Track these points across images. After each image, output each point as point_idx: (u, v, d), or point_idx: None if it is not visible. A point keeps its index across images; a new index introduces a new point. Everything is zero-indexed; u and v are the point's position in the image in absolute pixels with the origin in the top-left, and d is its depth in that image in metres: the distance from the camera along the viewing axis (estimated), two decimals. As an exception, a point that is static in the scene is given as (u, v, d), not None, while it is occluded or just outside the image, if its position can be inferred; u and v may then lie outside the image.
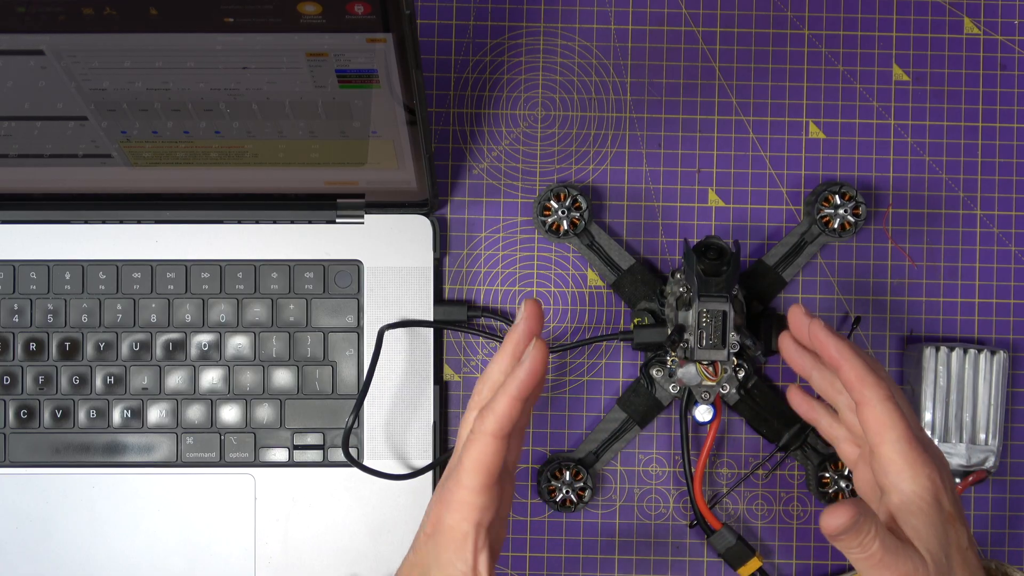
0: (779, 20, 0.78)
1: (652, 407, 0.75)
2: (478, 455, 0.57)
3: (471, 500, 0.57)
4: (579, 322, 0.77)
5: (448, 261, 0.78)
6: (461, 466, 0.57)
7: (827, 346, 0.61)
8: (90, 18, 0.53)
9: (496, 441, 0.57)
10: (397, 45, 0.56)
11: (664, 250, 0.78)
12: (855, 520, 0.55)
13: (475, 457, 0.57)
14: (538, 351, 0.57)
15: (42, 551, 0.74)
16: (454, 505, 0.57)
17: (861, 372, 0.60)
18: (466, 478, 0.57)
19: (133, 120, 0.63)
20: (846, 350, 0.60)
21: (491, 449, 0.57)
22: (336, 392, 0.75)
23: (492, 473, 0.57)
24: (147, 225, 0.76)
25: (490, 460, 0.57)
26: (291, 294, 0.76)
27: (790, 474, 0.77)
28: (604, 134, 0.78)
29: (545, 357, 0.57)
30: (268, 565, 0.75)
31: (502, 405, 0.57)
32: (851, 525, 0.55)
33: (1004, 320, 0.77)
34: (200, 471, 0.75)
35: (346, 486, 0.75)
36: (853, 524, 0.55)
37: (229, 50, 0.56)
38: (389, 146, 0.67)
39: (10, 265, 0.76)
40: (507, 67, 0.78)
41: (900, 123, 0.78)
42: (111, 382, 0.75)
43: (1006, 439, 0.77)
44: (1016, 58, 0.78)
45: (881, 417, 0.59)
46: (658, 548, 0.77)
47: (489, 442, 0.57)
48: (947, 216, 0.78)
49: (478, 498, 0.57)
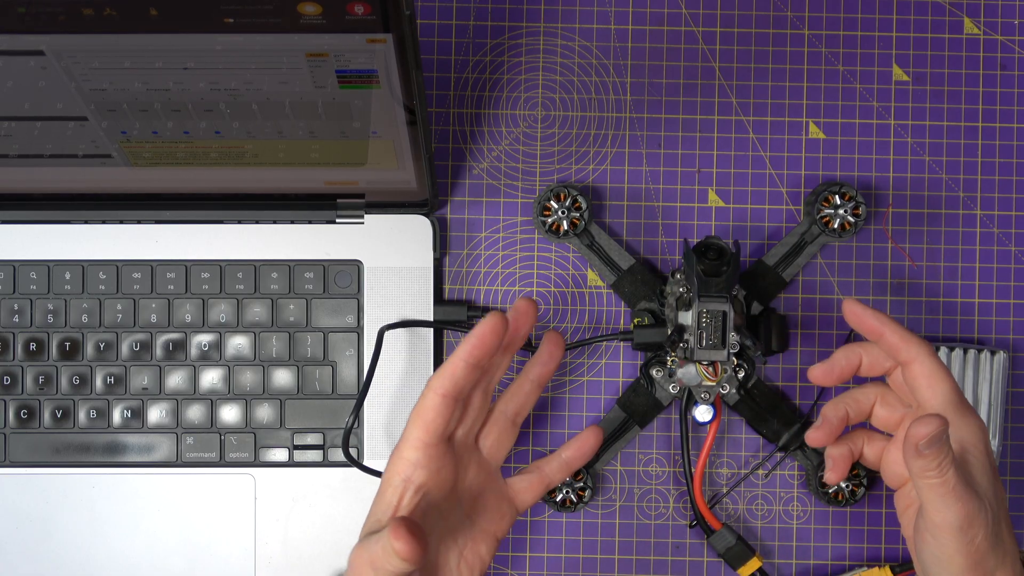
0: (779, 20, 0.78)
1: (652, 407, 0.75)
2: (419, 408, 0.59)
3: (405, 453, 0.59)
4: (579, 322, 0.77)
5: (448, 261, 0.78)
6: (407, 422, 0.60)
7: (865, 317, 0.63)
8: (90, 18, 0.53)
9: (437, 397, 0.59)
10: (397, 45, 0.56)
11: (664, 250, 0.78)
12: (944, 430, 0.55)
13: (415, 411, 0.60)
14: (490, 320, 0.59)
15: (42, 551, 0.74)
16: (392, 457, 0.60)
17: (904, 333, 0.62)
18: (406, 431, 0.60)
19: (133, 120, 0.63)
20: (884, 317, 0.63)
21: (431, 404, 0.59)
22: (336, 392, 0.75)
23: (430, 429, 0.59)
24: (147, 225, 0.76)
25: (429, 415, 0.59)
26: (291, 294, 0.76)
27: (790, 474, 0.77)
28: (604, 134, 0.78)
29: (497, 327, 0.59)
30: (268, 565, 0.75)
31: (448, 364, 0.59)
32: (942, 433, 0.55)
33: (1004, 320, 0.77)
34: (200, 471, 0.75)
35: (346, 486, 0.75)
36: (943, 434, 0.55)
37: (229, 50, 0.56)
38: (389, 146, 0.67)
39: (10, 265, 0.76)
40: (507, 67, 0.78)
41: (900, 123, 0.78)
42: (111, 382, 0.75)
43: (1006, 439, 0.77)
44: (1016, 58, 0.78)
45: (931, 370, 0.61)
46: (658, 548, 0.77)
47: (430, 397, 0.59)
48: (947, 216, 0.78)
49: (412, 452, 0.59)
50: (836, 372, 0.64)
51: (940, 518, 0.57)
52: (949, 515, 0.56)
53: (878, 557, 0.76)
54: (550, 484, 0.67)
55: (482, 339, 0.59)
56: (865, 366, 0.64)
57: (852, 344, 0.65)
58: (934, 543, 0.57)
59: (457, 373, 0.59)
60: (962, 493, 0.56)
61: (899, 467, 0.64)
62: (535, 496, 0.66)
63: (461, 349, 0.59)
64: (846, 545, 0.76)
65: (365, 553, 0.57)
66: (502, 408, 0.65)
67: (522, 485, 0.66)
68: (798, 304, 0.77)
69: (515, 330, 0.62)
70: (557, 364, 0.66)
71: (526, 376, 0.66)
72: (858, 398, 0.65)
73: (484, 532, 0.63)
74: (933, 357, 0.61)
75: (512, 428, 0.66)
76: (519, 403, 0.66)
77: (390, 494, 0.60)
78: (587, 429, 0.68)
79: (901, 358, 0.62)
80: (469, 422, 0.63)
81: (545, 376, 0.66)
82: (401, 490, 0.59)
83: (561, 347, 0.66)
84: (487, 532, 0.64)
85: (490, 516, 0.64)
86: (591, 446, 0.67)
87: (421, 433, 0.59)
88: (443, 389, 0.59)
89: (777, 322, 0.74)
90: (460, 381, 0.59)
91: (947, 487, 0.56)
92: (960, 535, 0.56)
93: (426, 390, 0.59)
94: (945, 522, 0.56)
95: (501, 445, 0.65)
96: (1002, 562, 0.58)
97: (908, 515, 0.64)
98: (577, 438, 0.68)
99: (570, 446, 0.67)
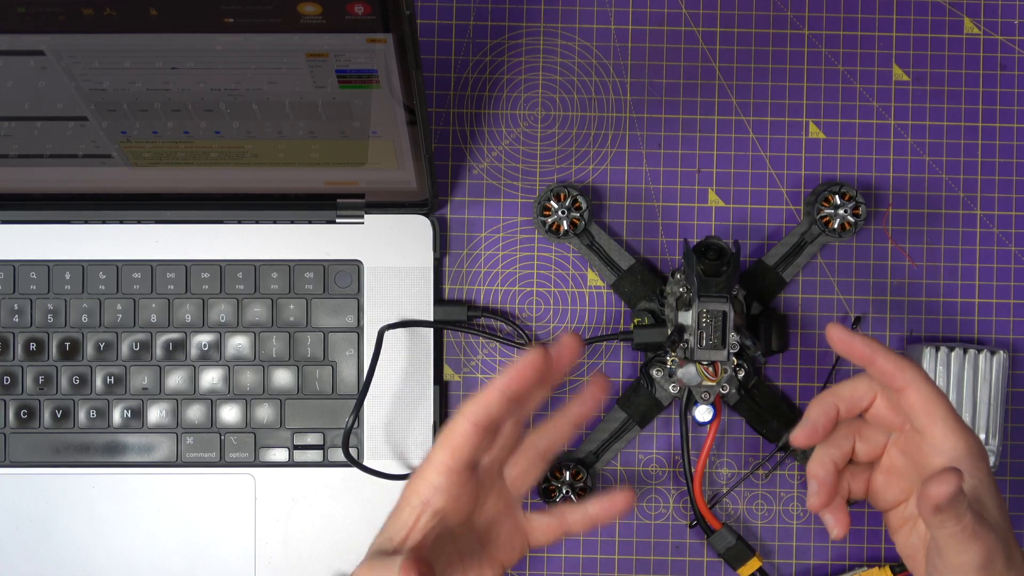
0: (779, 20, 0.78)
1: (652, 407, 0.75)
2: (448, 433, 0.58)
3: (428, 476, 0.58)
4: (579, 322, 0.77)
5: (448, 261, 0.78)
6: (434, 445, 0.59)
7: (854, 344, 0.60)
8: (90, 18, 0.53)
9: (468, 425, 0.57)
10: (397, 45, 0.56)
11: (664, 250, 0.78)
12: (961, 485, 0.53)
13: (444, 435, 0.58)
14: (532, 355, 0.57)
15: (42, 551, 0.74)
16: (415, 478, 0.59)
17: (896, 359, 0.60)
18: (432, 454, 0.59)
19: (133, 120, 0.63)
20: (874, 343, 0.60)
21: (461, 430, 0.58)
22: (336, 392, 0.75)
23: (456, 455, 0.58)
24: (147, 225, 0.76)
25: (458, 441, 0.58)
26: (291, 294, 0.76)
27: (790, 474, 0.77)
28: (604, 134, 0.78)
29: (538, 363, 0.57)
30: (268, 565, 0.75)
31: (483, 394, 0.58)
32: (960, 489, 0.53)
33: (1004, 320, 0.77)
34: (200, 471, 0.75)
35: (346, 486, 0.75)
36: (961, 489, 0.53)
37: (229, 50, 0.56)
38: (389, 146, 0.67)
39: (10, 265, 0.76)
40: (507, 67, 0.78)
41: (900, 123, 0.78)
42: (111, 382, 0.75)
43: (1006, 439, 0.77)
44: (1016, 58, 0.78)
45: (927, 396, 0.59)
46: (658, 548, 0.77)
47: (461, 423, 0.58)
48: (947, 216, 0.78)
49: (436, 476, 0.58)
50: (820, 430, 0.61)
51: (961, 560, 0.56)
52: (970, 556, 0.55)
53: (878, 557, 0.76)
54: (568, 533, 0.64)
55: (521, 373, 0.57)
56: (843, 412, 0.62)
57: (822, 395, 0.62)
58: None
59: (492, 404, 0.57)
60: (980, 533, 0.55)
61: (889, 493, 0.63)
62: (550, 539, 0.64)
63: (500, 380, 0.57)
64: (846, 545, 0.76)
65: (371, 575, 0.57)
66: (534, 441, 0.63)
67: (541, 525, 0.63)
68: (798, 304, 0.77)
69: (557, 365, 0.60)
70: (599, 407, 0.64)
71: (564, 414, 0.63)
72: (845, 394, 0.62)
73: (493, 560, 0.62)
74: (928, 382, 0.59)
75: (541, 462, 0.63)
76: (552, 439, 0.63)
77: (407, 514, 0.58)
78: (620, 491, 0.64)
79: (896, 385, 0.59)
80: (496, 450, 0.61)
81: (584, 417, 0.63)
82: (419, 512, 0.58)
83: (606, 391, 0.63)
84: (495, 560, 0.62)
85: (502, 546, 0.62)
86: (621, 510, 0.64)
87: (447, 458, 0.58)
88: (476, 418, 0.57)
89: (777, 322, 0.74)
90: (494, 412, 0.58)
91: (966, 532, 0.55)
92: (981, 572, 0.56)
93: (458, 415, 0.58)
94: (967, 563, 0.56)
95: (527, 477, 0.63)
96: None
97: (903, 533, 0.62)
98: (609, 497, 0.64)
99: (599, 503, 0.64)
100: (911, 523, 0.62)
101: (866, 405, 0.62)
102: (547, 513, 0.64)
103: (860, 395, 0.62)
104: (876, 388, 0.61)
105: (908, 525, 0.62)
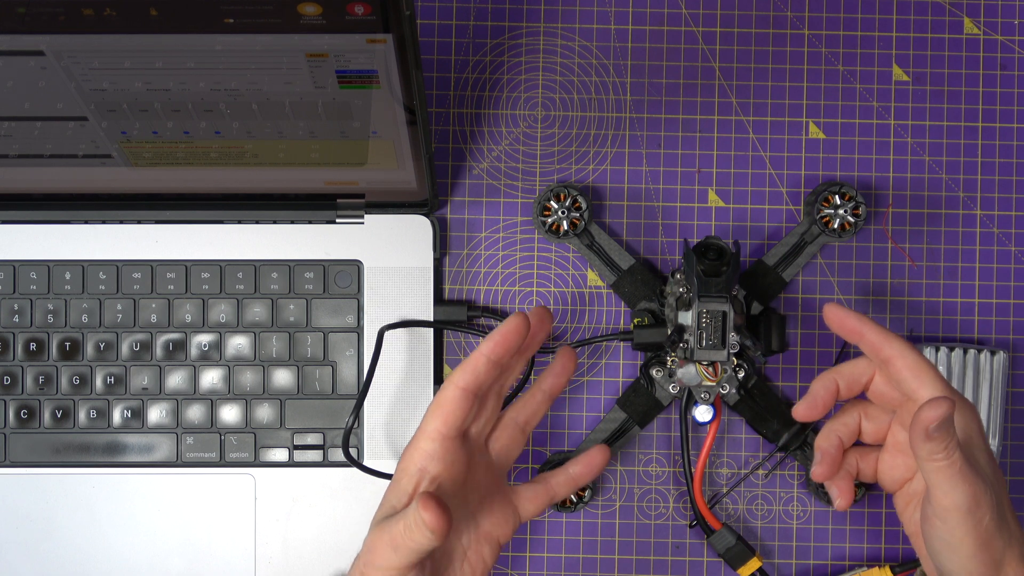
0: (779, 20, 0.78)
1: (652, 407, 0.75)
2: (438, 401, 0.61)
3: (422, 444, 0.61)
4: (579, 322, 0.77)
5: (448, 261, 0.78)
6: (425, 414, 0.61)
7: (847, 319, 0.64)
8: (90, 18, 0.53)
9: (458, 390, 0.60)
10: (397, 45, 0.56)
11: (664, 250, 0.78)
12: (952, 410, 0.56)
13: (434, 403, 0.61)
14: (513, 320, 0.60)
15: (42, 551, 0.74)
16: (409, 448, 0.61)
17: (883, 332, 0.63)
18: (424, 423, 0.61)
19: (133, 120, 0.63)
20: (864, 318, 0.64)
21: (451, 396, 0.60)
22: (336, 392, 0.75)
23: (448, 422, 0.60)
24: (147, 225, 0.76)
25: (448, 408, 0.60)
26: (291, 294, 0.76)
27: (790, 474, 0.77)
28: (604, 134, 0.78)
29: (520, 327, 0.60)
30: (268, 565, 0.75)
31: (470, 360, 0.61)
32: (951, 414, 0.56)
33: (1004, 320, 0.77)
34: (200, 471, 0.75)
35: (346, 486, 0.75)
36: (951, 414, 0.56)
37: (229, 50, 0.56)
38: (389, 146, 0.67)
39: (10, 265, 0.76)
40: (507, 67, 0.78)
41: (900, 123, 0.78)
42: (111, 382, 0.75)
43: (1006, 439, 0.77)
44: (1016, 58, 0.78)
45: (914, 363, 0.62)
46: (658, 548, 0.77)
47: (451, 389, 0.60)
48: (947, 216, 0.78)
49: (430, 443, 0.60)
50: (819, 404, 0.65)
51: (949, 500, 0.57)
52: (957, 496, 0.57)
53: (878, 557, 0.77)
54: (555, 498, 0.67)
55: (506, 337, 0.60)
56: (843, 389, 0.65)
57: (825, 372, 0.66)
58: (943, 527, 0.58)
59: (479, 368, 0.60)
60: (968, 474, 0.57)
61: (896, 471, 0.65)
62: (539, 508, 0.67)
63: (484, 346, 0.60)
64: (846, 545, 0.76)
65: (385, 534, 0.58)
66: (512, 415, 0.66)
67: (528, 494, 0.66)
68: (798, 304, 0.77)
69: (533, 334, 0.64)
70: (569, 378, 0.67)
71: (538, 387, 0.67)
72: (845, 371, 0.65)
73: (488, 535, 0.64)
74: (914, 351, 0.62)
75: (521, 435, 0.66)
76: (529, 412, 0.67)
77: (405, 482, 0.61)
78: (595, 447, 0.68)
79: (883, 355, 0.62)
80: (482, 422, 0.64)
81: (557, 388, 0.67)
82: (417, 479, 0.60)
83: (574, 361, 0.67)
84: (491, 536, 0.64)
85: (494, 520, 0.64)
86: (599, 464, 0.68)
87: (439, 424, 0.60)
88: (464, 383, 0.60)
89: (777, 322, 0.74)
90: (481, 376, 0.60)
91: (954, 468, 0.57)
92: (969, 516, 0.57)
93: (446, 384, 0.61)
94: (954, 504, 0.57)
95: (510, 451, 0.66)
96: (1008, 543, 0.59)
97: (909, 512, 0.65)
98: (586, 455, 0.68)
99: (578, 462, 0.68)
100: (916, 500, 0.64)
101: (866, 382, 0.65)
102: (532, 483, 0.67)
103: (859, 372, 0.65)
104: (874, 366, 0.65)
105: (914, 503, 0.64)
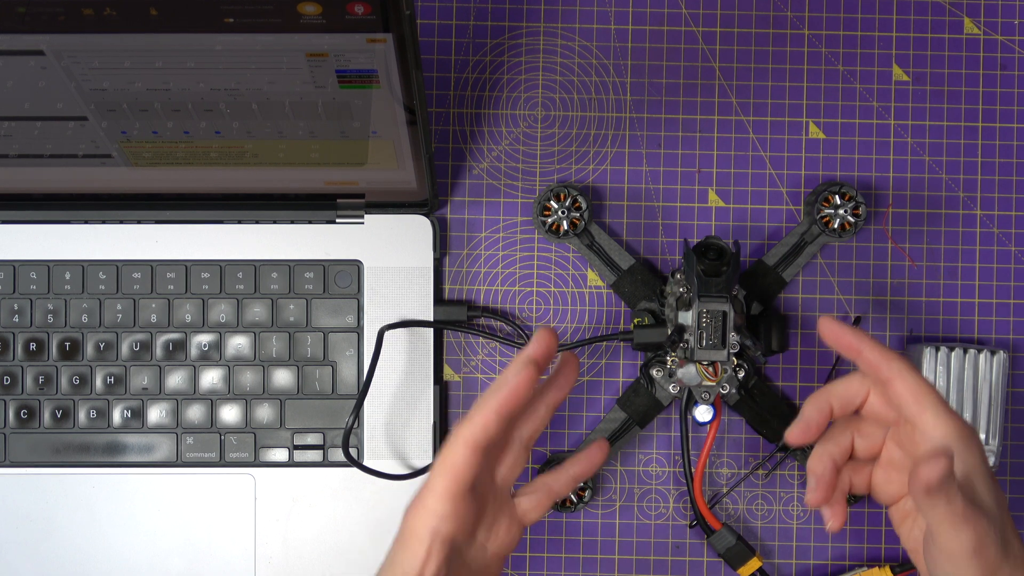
0: (779, 20, 0.78)
1: (652, 407, 0.75)
2: (446, 459, 0.57)
3: (432, 505, 0.57)
4: (579, 322, 0.77)
5: (448, 261, 0.78)
6: (432, 470, 0.58)
7: (843, 335, 0.61)
8: (90, 18, 0.53)
9: (467, 449, 0.56)
10: (397, 45, 0.56)
11: (664, 250, 0.78)
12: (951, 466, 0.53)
13: (443, 461, 0.57)
14: (524, 371, 0.57)
15: (42, 551, 0.74)
16: (417, 507, 0.58)
17: (882, 350, 0.60)
18: (432, 481, 0.57)
19: (133, 120, 0.63)
20: (862, 335, 0.61)
21: (460, 456, 0.57)
22: (336, 392, 0.75)
23: (459, 480, 0.57)
24: (147, 225, 0.76)
25: (458, 467, 0.57)
26: (291, 294, 0.76)
27: (790, 474, 0.77)
28: (604, 134, 0.78)
29: (533, 377, 0.57)
30: (268, 565, 0.75)
31: (478, 415, 0.57)
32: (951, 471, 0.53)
33: (1004, 320, 0.77)
34: (200, 471, 0.75)
35: (346, 486, 0.75)
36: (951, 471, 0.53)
37: (229, 50, 0.56)
38: (389, 146, 0.67)
39: (10, 265, 0.76)
40: (507, 67, 0.78)
41: (900, 123, 0.78)
42: (111, 382, 0.75)
43: (1006, 439, 0.77)
44: (1016, 58, 0.78)
45: (914, 386, 0.59)
46: (658, 548, 0.77)
47: (459, 449, 0.57)
48: (947, 216, 0.78)
49: (440, 504, 0.57)
50: (813, 428, 0.61)
51: (953, 545, 0.56)
52: (962, 540, 0.56)
53: (878, 557, 0.76)
54: (556, 500, 0.65)
55: (516, 391, 0.57)
56: (836, 410, 0.62)
57: (816, 393, 0.62)
58: (948, 565, 0.57)
59: (489, 426, 0.57)
60: (971, 516, 0.55)
61: (891, 487, 0.63)
62: (542, 514, 0.64)
63: (494, 400, 0.57)
64: (846, 545, 0.76)
65: None
66: (517, 434, 0.63)
67: (530, 504, 0.64)
68: (798, 304, 0.77)
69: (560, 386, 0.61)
70: (572, 388, 0.64)
71: (542, 400, 0.63)
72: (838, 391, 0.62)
73: (495, 556, 0.62)
74: (914, 372, 0.59)
75: (525, 452, 0.63)
76: (533, 427, 0.63)
77: (416, 547, 0.57)
78: (594, 443, 0.65)
79: (882, 376, 0.60)
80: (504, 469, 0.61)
81: (560, 400, 0.63)
82: (428, 544, 0.57)
83: (576, 371, 0.63)
84: (498, 555, 0.62)
85: (501, 540, 0.62)
86: (599, 461, 0.65)
87: (449, 484, 0.57)
88: (474, 441, 0.57)
89: (777, 322, 0.74)
90: (492, 433, 0.57)
91: (956, 514, 0.55)
92: (975, 557, 0.56)
93: (455, 440, 0.57)
94: (959, 548, 0.56)
95: (514, 470, 0.63)
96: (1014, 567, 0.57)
97: (906, 527, 0.62)
98: (585, 453, 0.65)
99: (578, 462, 0.65)
100: (913, 517, 0.62)
101: (860, 402, 0.62)
102: (533, 492, 0.64)
103: (853, 392, 0.62)
104: (868, 384, 0.62)
105: (910, 519, 0.62)
